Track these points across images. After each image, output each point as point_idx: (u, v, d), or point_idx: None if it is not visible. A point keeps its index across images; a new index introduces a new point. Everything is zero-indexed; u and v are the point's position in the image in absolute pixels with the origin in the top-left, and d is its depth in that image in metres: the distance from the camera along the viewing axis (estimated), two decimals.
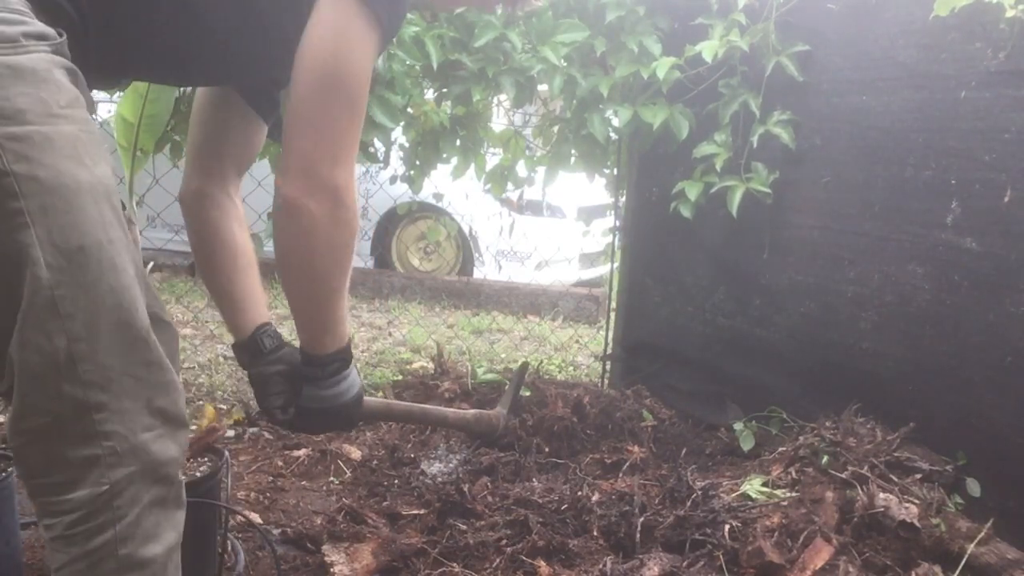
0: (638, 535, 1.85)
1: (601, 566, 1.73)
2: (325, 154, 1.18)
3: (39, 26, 1.01)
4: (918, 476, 1.97)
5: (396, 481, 2.23)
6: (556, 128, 2.94)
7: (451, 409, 2.27)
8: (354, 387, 1.48)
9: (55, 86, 1.01)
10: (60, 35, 1.04)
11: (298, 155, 1.18)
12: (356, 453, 2.46)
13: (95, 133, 1.07)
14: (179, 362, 1.56)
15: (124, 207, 1.12)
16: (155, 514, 1.12)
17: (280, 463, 2.40)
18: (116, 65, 1.28)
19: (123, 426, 1.07)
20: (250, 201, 2.31)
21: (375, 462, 2.38)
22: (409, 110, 2.68)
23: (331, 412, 1.47)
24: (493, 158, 3.08)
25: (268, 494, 2.21)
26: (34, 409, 1.03)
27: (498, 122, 3.05)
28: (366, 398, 1.60)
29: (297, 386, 1.49)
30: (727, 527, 1.83)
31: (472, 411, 2.24)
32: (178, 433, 1.15)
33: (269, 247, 1.49)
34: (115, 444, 1.06)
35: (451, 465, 2.21)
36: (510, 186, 3.11)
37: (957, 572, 1.71)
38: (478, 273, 5.71)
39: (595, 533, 1.88)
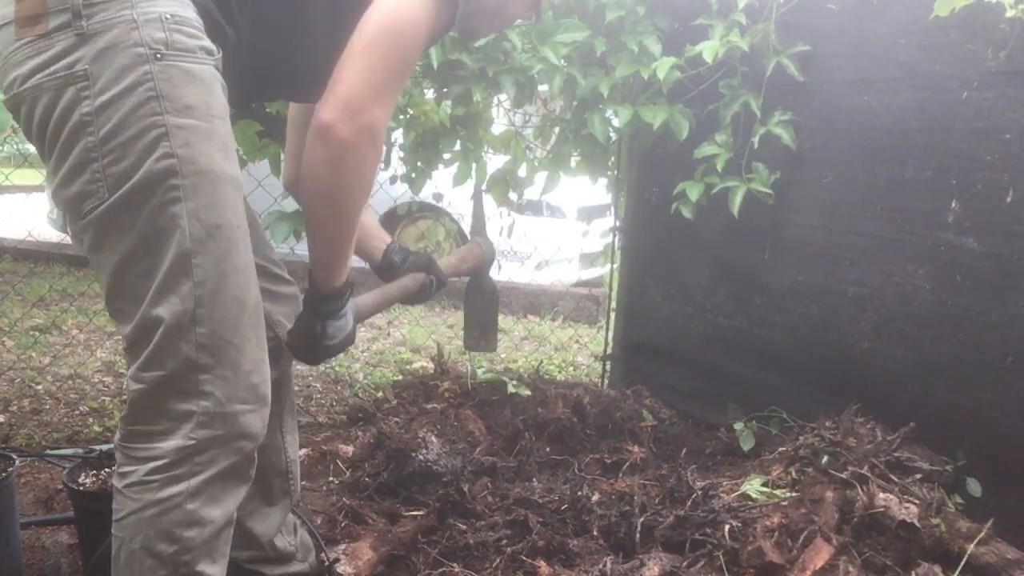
0: (638, 535, 1.85)
1: (601, 566, 1.73)
2: (369, 92, 1.28)
3: (209, 43, 1.22)
4: (918, 476, 1.97)
5: (393, 480, 2.22)
6: (556, 129, 2.93)
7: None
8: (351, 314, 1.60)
9: (215, 95, 1.22)
10: (219, 53, 1.24)
11: (345, 88, 1.27)
12: (354, 451, 2.45)
13: (234, 141, 1.28)
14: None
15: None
16: (224, 480, 1.26)
17: None
18: (255, 84, 1.46)
19: (220, 391, 1.22)
20: (251, 201, 2.31)
21: (373, 461, 2.37)
22: (409, 110, 2.68)
23: (350, 335, 1.57)
24: (494, 160, 3.07)
25: None
26: (156, 363, 1.20)
27: (498, 123, 3.05)
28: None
29: (314, 327, 1.51)
30: (727, 527, 1.83)
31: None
32: (263, 411, 1.29)
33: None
34: (210, 405, 1.22)
35: (451, 466, 2.20)
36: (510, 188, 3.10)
37: (957, 572, 1.71)
38: None
39: (595, 533, 1.88)
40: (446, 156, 2.87)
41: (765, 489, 2.06)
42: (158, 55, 1.15)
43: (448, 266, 2.08)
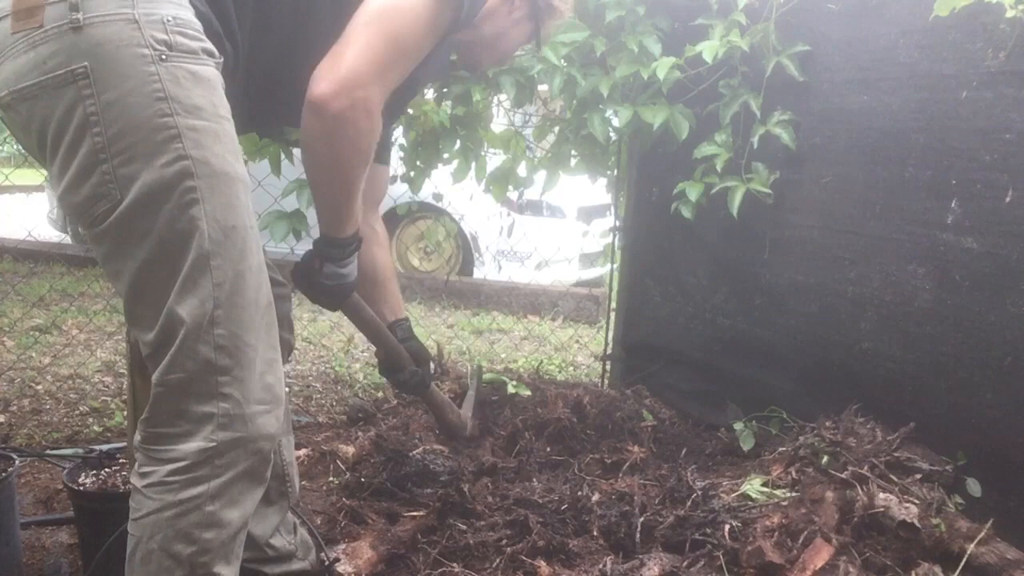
0: (638, 535, 1.85)
1: (601, 566, 1.73)
2: (365, 68, 1.34)
3: (210, 45, 1.22)
4: (918, 476, 1.96)
5: (392, 480, 2.22)
6: (556, 128, 2.93)
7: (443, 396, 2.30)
8: (356, 270, 1.73)
9: (220, 95, 1.22)
10: (219, 57, 1.25)
11: (341, 63, 1.33)
12: (353, 451, 2.45)
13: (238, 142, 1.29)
14: (292, 322, 1.75)
15: None
16: (243, 482, 1.26)
17: None
18: (257, 107, 1.48)
19: (238, 392, 1.22)
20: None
21: (372, 460, 2.38)
22: (409, 110, 2.68)
23: (345, 286, 1.70)
24: (493, 159, 3.07)
25: None
26: (177, 365, 1.19)
27: (498, 122, 3.05)
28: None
29: (313, 262, 1.67)
30: (727, 527, 1.83)
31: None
32: (278, 410, 1.29)
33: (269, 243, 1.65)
34: (229, 407, 1.21)
35: (450, 465, 2.20)
36: (510, 187, 3.10)
37: (957, 572, 1.71)
38: (478, 273, 5.70)
39: (595, 533, 1.88)
40: (446, 155, 2.87)
41: (765, 489, 2.06)
42: (163, 56, 1.15)
43: (437, 398, 2.24)
